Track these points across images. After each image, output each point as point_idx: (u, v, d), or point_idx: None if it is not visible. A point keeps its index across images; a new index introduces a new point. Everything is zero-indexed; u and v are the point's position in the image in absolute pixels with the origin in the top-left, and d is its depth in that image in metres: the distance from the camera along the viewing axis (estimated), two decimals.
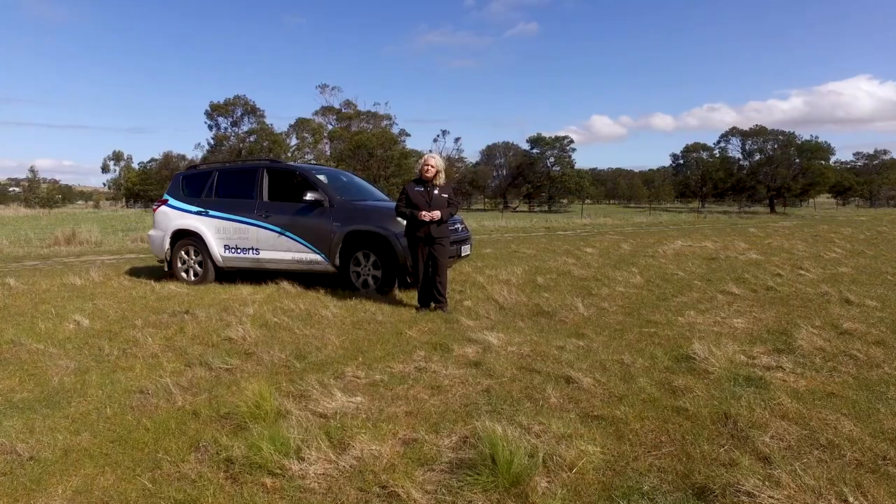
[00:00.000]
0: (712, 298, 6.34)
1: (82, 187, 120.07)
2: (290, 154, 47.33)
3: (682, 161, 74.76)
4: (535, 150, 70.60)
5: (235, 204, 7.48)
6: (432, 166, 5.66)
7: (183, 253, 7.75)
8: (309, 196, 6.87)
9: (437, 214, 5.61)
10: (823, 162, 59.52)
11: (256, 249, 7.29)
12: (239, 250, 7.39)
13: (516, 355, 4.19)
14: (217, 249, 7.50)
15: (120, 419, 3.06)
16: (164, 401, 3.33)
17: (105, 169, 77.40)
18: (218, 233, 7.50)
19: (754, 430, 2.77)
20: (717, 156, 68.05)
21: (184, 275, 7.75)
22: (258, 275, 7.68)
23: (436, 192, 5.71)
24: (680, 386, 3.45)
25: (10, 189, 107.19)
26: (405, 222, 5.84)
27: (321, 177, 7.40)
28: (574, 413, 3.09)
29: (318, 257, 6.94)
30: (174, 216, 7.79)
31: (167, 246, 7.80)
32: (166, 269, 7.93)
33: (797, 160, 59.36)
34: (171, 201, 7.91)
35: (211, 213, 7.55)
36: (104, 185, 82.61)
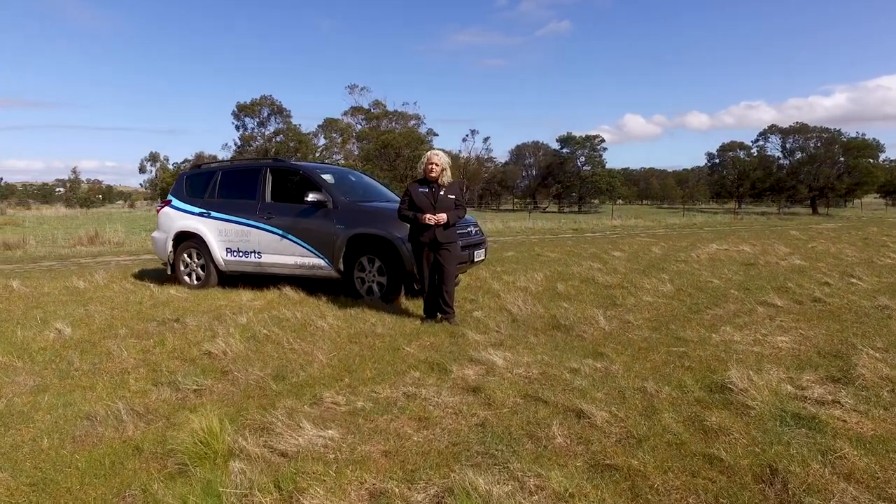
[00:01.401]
0: (751, 311, 5.67)
1: (122, 187, 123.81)
2: (317, 154, 47.50)
3: (717, 160, 72.34)
4: (565, 150, 69.37)
5: (238, 205, 7.13)
6: (436, 164, 5.16)
7: (185, 256, 7.45)
8: (310, 197, 6.45)
9: (442, 217, 5.11)
10: (872, 160, 56.54)
11: (258, 253, 6.92)
12: (241, 253, 7.04)
13: (523, 379, 3.67)
14: (219, 252, 7.16)
15: (54, 454, 2.66)
16: (113, 430, 2.92)
17: (142, 169, 79.20)
18: (220, 235, 7.16)
19: (811, 496, 2.18)
20: (755, 155, 65.56)
21: (186, 278, 7.44)
22: (262, 279, 7.32)
23: (441, 192, 5.21)
24: (713, 425, 2.88)
25: (57, 189, 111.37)
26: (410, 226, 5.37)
27: (326, 176, 6.99)
28: (581, 460, 2.56)
29: (320, 262, 6.52)
30: (177, 217, 7.49)
31: (170, 248, 7.51)
32: (169, 273, 7.66)
33: (842, 158, 56.54)
34: (175, 202, 7.63)
35: (213, 214, 7.22)
36: (140, 185, 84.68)
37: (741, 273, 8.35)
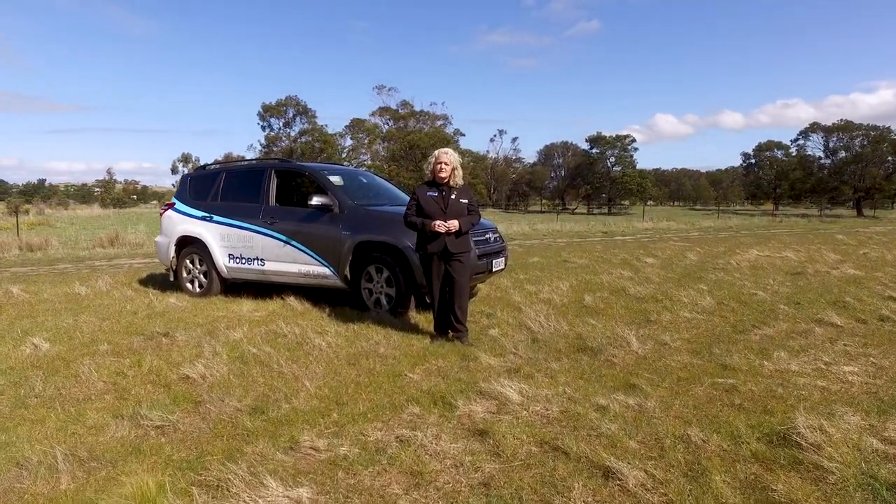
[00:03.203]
0: (807, 332, 4.96)
1: (157, 188, 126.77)
2: (343, 154, 47.44)
3: (753, 160, 69.99)
4: (594, 150, 68.10)
5: (240, 208, 6.70)
6: (447, 163, 4.60)
7: (188, 262, 7.06)
8: (315, 200, 5.97)
9: (454, 225, 4.55)
10: None
11: (261, 260, 6.48)
12: (244, 260, 6.61)
13: (540, 419, 3.09)
14: (221, 259, 6.75)
15: None
16: (43, 482, 2.46)
17: (174, 170, 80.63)
18: (222, 240, 6.75)
19: None
20: (794, 154, 63.09)
21: (188, 286, 7.05)
22: (268, 288, 6.88)
23: (453, 196, 4.65)
24: (781, 497, 2.25)
25: (96, 190, 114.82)
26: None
27: (334, 178, 6.50)
28: None
29: (325, 270, 6.04)
30: (179, 221, 7.11)
31: (172, 254, 7.14)
32: (172, 279, 7.29)
33: (890, 157, 53.85)
34: (178, 205, 7.25)
35: (215, 218, 6.81)
36: (172, 185, 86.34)
37: (788, 284, 7.58)
